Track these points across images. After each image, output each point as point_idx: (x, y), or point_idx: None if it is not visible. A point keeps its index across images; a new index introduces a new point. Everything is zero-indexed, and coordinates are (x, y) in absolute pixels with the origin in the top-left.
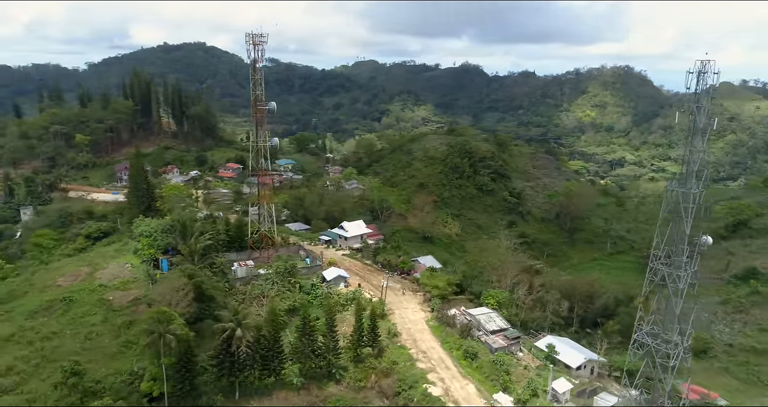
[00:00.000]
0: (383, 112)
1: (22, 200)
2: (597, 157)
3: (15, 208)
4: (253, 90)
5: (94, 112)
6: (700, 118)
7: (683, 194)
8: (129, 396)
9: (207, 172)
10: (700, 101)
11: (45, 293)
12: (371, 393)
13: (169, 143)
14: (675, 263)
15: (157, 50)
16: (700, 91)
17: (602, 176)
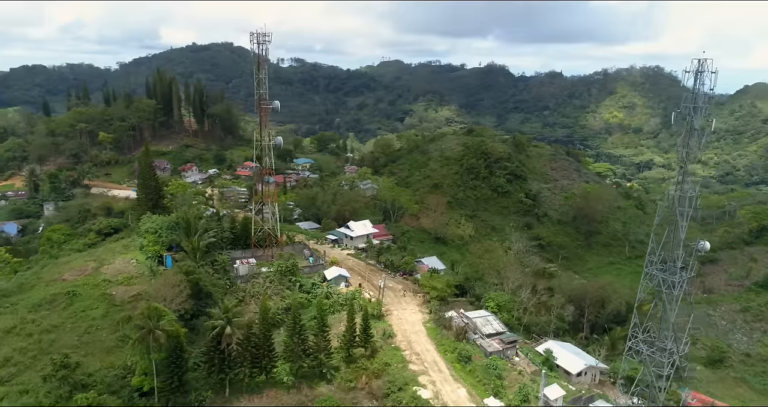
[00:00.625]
0: (407, 112)
1: (46, 195)
2: (624, 159)
3: (39, 203)
4: (257, 89)
5: (118, 110)
6: (697, 119)
7: (679, 198)
8: (120, 390)
9: (225, 170)
10: (696, 102)
11: (51, 287)
12: (361, 394)
13: (190, 141)
14: (670, 269)
15: (186, 50)
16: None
17: (629, 178)
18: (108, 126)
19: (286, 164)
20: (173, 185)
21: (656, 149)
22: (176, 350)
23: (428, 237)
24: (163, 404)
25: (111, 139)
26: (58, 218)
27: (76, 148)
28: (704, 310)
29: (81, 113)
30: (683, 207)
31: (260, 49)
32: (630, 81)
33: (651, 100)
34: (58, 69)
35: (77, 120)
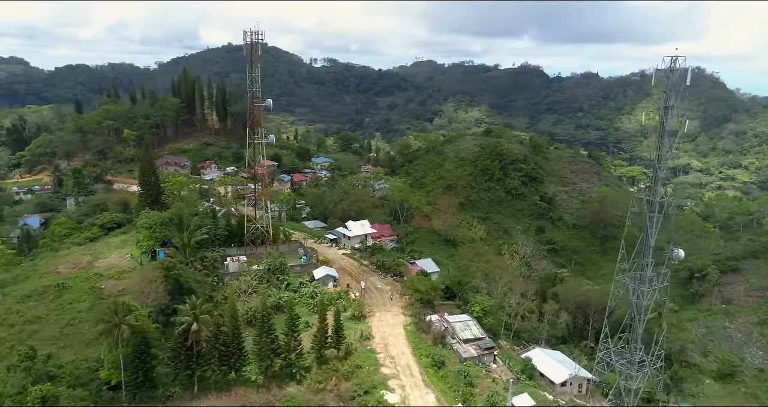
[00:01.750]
0: (436, 112)
1: (70, 190)
2: None
3: (62, 198)
4: (250, 87)
5: (143, 109)
6: (669, 119)
7: (648, 203)
8: (90, 383)
9: (243, 168)
10: (668, 101)
11: (44, 279)
12: (329, 396)
13: (211, 139)
14: (640, 277)
15: (221, 50)
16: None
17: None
18: (132, 124)
19: (304, 163)
20: (170, 181)
21: (694, 153)
22: (142, 345)
23: (438, 239)
24: (130, 398)
25: (135, 136)
26: (77, 213)
27: (102, 144)
28: (720, 321)
29: (108, 111)
30: (653, 212)
31: (253, 48)
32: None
33: (690, 102)
34: (100, 68)
35: (104, 117)
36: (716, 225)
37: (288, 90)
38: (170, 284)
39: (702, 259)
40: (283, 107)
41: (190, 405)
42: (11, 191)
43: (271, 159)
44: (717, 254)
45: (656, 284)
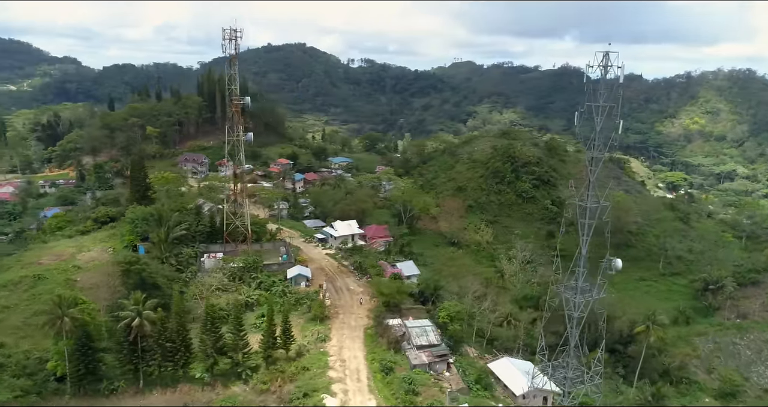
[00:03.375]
0: (470, 114)
1: (91, 185)
2: (702, 169)
3: (83, 192)
4: (228, 85)
5: (167, 107)
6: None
7: (579, 208)
8: (37, 373)
9: (258, 166)
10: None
11: (25, 269)
12: (272, 397)
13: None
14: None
15: (261, 51)
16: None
17: (706, 189)
18: (156, 121)
19: (320, 162)
20: (157, 177)
21: (740, 159)
22: (83, 338)
23: (443, 241)
24: (75, 390)
25: (157, 133)
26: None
27: (126, 141)
28: (731, 337)
29: (135, 109)
30: (584, 219)
31: (231, 46)
32: (715, 85)
33: (738, 106)
34: (145, 68)
35: (131, 115)
36: (743, 234)
37: (324, 90)
38: (132, 279)
39: (719, 270)
40: (318, 107)
41: (132, 399)
42: (37, 184)
43: (288, 158)
44: (738, 266)
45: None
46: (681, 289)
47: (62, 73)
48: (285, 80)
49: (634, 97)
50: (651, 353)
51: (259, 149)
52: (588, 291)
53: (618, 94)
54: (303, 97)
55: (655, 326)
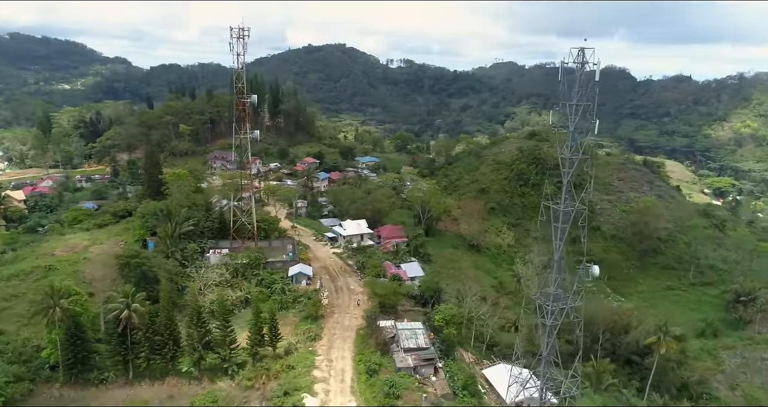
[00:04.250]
0: (509, 115)
1: (123, 180)
2: (753, 174)
3: (116, 187)
4: (235, 83)
5: (200, 105)
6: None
7: (553, 212)
8: (32, 361)
9: (285, 165)
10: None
11: (38, 260)
12: (255, 394)
13: (261, 136)
14: (544, 294)
15: (301, 51)
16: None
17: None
18: (189, 119)
19: (347, 161)
20: (169, 173)
21: None
22: (72, 328)
23: (463, 243)
24: (67, 378)
25: (190, 131)
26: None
27: (159, 138)
28: (760, 353)
29: (170, 107)
30: (557, 223)
31: (239, 44)
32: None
33: None
34: (190, 68)
35: (165, 113)
36: None
37: (361, 90)
38: (132, 273)
39: (752, 281)
40: (356, 107)
41: (121, 390)
42: (75, 179)
43: (315, 157)
44: None
45: (566, 304)
46: (711, 300)
47: (112, 72)
48: (324, 80)
49: (682, 99)
50: (670, 366)
51: (288, 148)
52: (563, 299)
53: (594, 92)
54: (341, 97)
55: (668, 338)
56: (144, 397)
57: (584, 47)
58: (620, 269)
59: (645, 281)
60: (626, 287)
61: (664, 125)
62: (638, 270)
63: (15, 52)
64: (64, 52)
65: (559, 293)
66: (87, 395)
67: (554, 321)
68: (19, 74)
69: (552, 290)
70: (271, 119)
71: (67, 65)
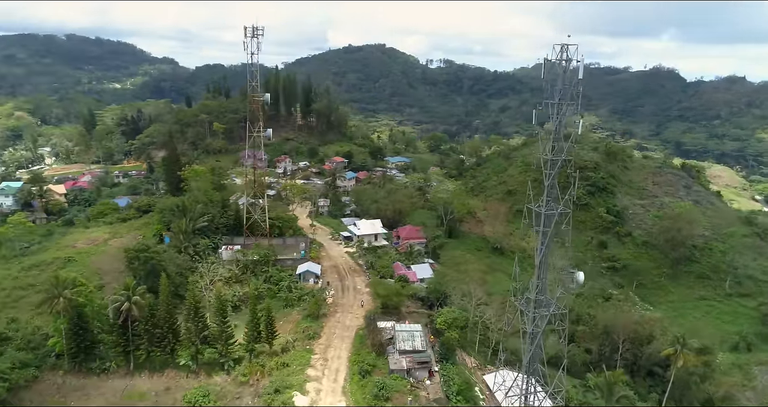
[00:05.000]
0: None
1: (158, 176)
2: None
3: (151, 182)
4: (249, 81)
5: (234, 104)
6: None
7: (535, 215)
8: (39, 348)
9: (314, 164)
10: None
11: (60, 251)
12: (248, 390)
13: (292, 135)
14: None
15: (341, 51)
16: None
17: None
18: (223, 118)
19: (377, 161)
20: (188, 170)
21: None
22: (75, 318)
23: (486, 246)
24: (71, 367)
25: (223, 129)
26: None
27: (194, 136)
28: None
29: (206, 106)
30: (538, 226)
31: (253, 43)
32: None
33: None
34: (233, 68)
35: (201, 111)
36: None
37: (400, 90)
38: (141, 267)
39: None
40: (393, 107)
41: (122, 380)
42: (113, 174)
43: (344, 156)
44: None
45: (547, 311)
46: (748, 312)
47: (160, 72)
48: (363, 80)
49: (735, 101)
50: (693, 379)
51: (318, 147)
52: (545, 305)
53: (577, 91)
54: (379, 97)
55: (686, 350)
56: (142, 389)
57: (567, 43)
58: (651, 276)
59: (677, 290)
60: (656, 296)
61: (713, 128)
62: (670, 278)
63: (71, 52)
64: (116, 52)
65: (542, 299)
66: (88, 383)
67: (536, 327)
68: (74, 74)
69: (533, 295)
70: (303, 118)
71: (118, 65)
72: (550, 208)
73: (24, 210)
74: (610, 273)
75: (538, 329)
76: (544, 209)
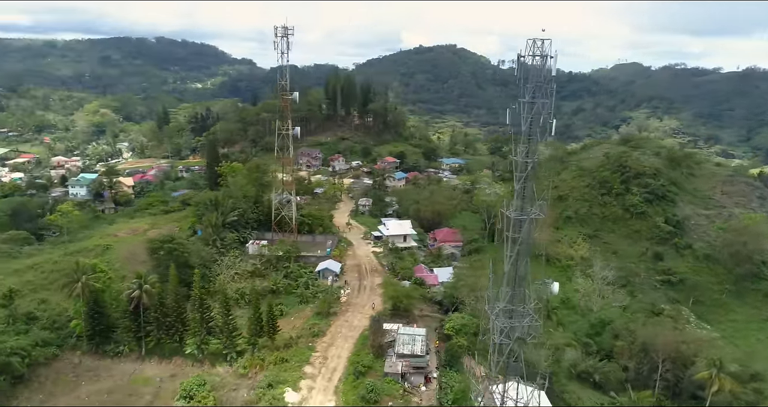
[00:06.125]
0: (625, 119)
1: None
2: None
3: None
4: (279, 80)
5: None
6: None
7: (506, 220)
8: (62, 329)
9: (366, 163)
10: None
11: (102, 239)
12: (246, 382)
13: (348, 134)
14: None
15: (411, 52)
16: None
17: None
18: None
19: (430, 162)
20: (224, 166)
21: None
22: (91, 302)
23: None
24: (89, 348)
25: None
26: None
27: (254, 134)
28: None
29: (267, 105)
30: (508, 232)
31: (283, 42)
32: None
33: None
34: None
35: (263, 110)
36: None
37: (468, 91)
38: (165, 257)
39: None
40: (461, 108)
41: (132, 364)
42: (177, 169)
43: (396, 156)
44: None
45: (519, 322)
46: None
47: (238, 73)
48: (431, 81)
49: None
50: None
51: (373, 147)
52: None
53: (551, 89)
54: (447, 98)
55: (723, 374)
56: (149, 373)
57: (540, 38)
58: (710, 293)
59: (741, 310)
60: (715, 314)
61: None
62: (733, 296)
63: (159, 54)
64: (199, 53)
65: (515, 310)
66: (101, 365)
67: (506, 339)
68: (161, 74)
69: (501, 304)
70: (360, 118)
71: (200, 66)
72: (520, 213)
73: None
74: (664, 287)
75: (508, 340)
76: (513, 214)
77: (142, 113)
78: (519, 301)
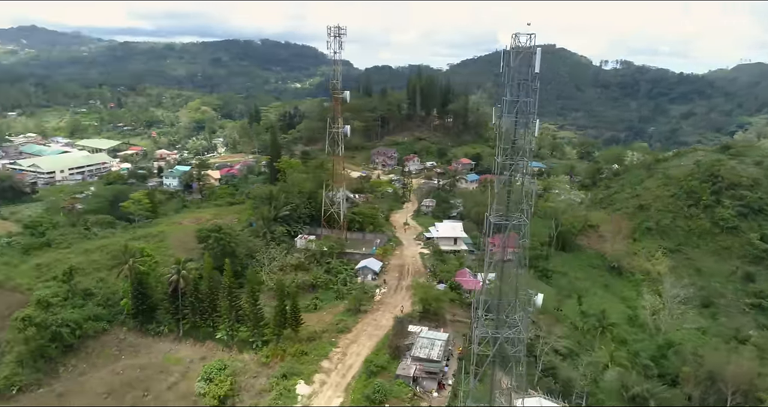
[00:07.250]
0: (742, 125)
1: None
2: None
3: None
4: (332, 79)
5: (373, 102)
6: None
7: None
8: (114, 306)
9: (440, 164)
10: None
11: (167, 227)
12: (266, 371)
13: (426, 134)
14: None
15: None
16: None
17: None
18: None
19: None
20: (283, 161)
21: None
22: (134, 283)
23: (603, 264)
24: (134, 325)
25: (361, 127)
26: None
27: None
28: None
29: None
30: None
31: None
32: None
33: None
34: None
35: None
36: None
37: (566, 93)
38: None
39: None
40: (557, 111)
41: (170, 344)
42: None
43: (472, 158)
44: None
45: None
46: None
47: None
48: None
49: None
50: None
51: (449, 147)
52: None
53: (534, 87)
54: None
55: None
56: (182, 354)
57: (523, 33)
58: None
59: None
60: None
61: None
62: None
63: (264, 55)
64: (299, 55)
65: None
66: (143, 342)
67: (485, 349)
68: (264, 74)
69: (480, 313)
70: (440, 119)
71: (300, 67)
72: (501, 218)
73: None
74: (754, 311)
75: (486, 351)
76: (494, 219)
77: (241, 110)
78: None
